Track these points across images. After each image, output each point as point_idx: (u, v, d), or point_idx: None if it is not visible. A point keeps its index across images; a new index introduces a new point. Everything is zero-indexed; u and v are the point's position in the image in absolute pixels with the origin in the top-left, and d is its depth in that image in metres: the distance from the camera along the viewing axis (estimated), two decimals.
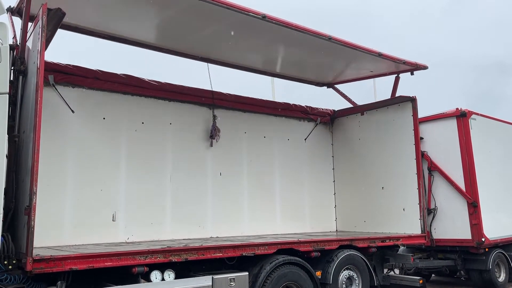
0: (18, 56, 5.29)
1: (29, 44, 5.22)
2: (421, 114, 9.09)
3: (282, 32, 6.77)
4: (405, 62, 8.29)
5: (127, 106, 7.28)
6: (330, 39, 7.08)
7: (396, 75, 9.04)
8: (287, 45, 7.74)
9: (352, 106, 9.87)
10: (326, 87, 10.02)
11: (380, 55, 7.91)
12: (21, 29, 5.39)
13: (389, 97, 9.20)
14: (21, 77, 5.32)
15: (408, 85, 9.20)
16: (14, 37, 5.75)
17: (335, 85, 10.00)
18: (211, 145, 7.66)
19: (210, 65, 8.09)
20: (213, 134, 7.71)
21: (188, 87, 7.96)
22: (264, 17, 6.21)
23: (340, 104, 10.15)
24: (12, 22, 5.85)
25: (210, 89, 8.15)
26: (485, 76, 47.43)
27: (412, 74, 8.86)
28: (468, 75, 48.44)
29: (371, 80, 14.44)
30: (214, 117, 7.45)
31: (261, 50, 8.06)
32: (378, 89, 13.19)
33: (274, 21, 6.40)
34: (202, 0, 5.69)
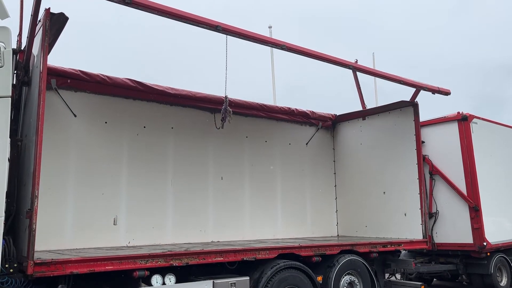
0: (23, 65, 5.32)
1: (34, 50, 5.25)
2: (424, 117, 9.08)
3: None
4: (426, 89, 8.29)
5: (129, 110, 7.30)
6: (352, 68, 7.17)
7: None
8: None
9: (360, 110, 9.83)
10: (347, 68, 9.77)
11: (401, 82, 7.98)
12: (27, 37, 5.42)
13: (390, 99, 9.21)
14: (24, 87, 5.35)
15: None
16: (20, 34, 5.73)
17: (357, 71, 9.50)
18: (222, 127, 7.54)
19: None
20: (224, 116, 7.56)
21: (190, 91, 7.97)
22: (283, 47, 6.25)
23: (342, 110, 10.15)
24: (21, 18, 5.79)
25: (212, 94, 8.17)
26: (491, 79, 47.37)
27: (433, 93, 8.80)
28: (474, 77, 48.41)
29: (373, 82, 14.45)
30: (226, 98, 7.33)
31: None
32: (379, 91, 13.24)
33: (294, 51, 6.46)
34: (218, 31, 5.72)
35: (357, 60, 10.11)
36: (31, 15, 5.20)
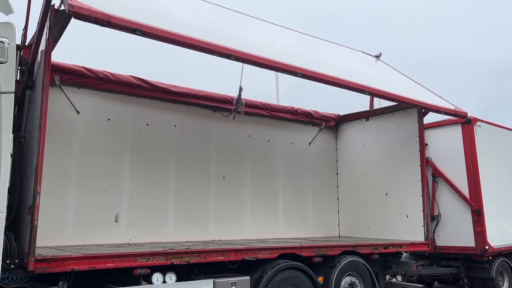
0: (28, 67, 5.31)
1: (41, 47, 5.24)
2: (428, 119, 9.03)
3: None
4: (442, 112, 8.25)
5: (132, 108, 7.29)
6: (366, 92, 7.08)
7: None
8: None
9: (364, 110, 9.81)
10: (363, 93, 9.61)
11: (417, 106, 7.96)
12: (34, 41, 5.40)
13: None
14: (28, 91, 5.33)
15: None
16: (25, 28, 5.72)
17: (373, 96, 9.40)
18: (233, 119, 7.50)
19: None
20: (237, 107, 7.27)
21: (193, 89, 7.96)
22: (297, 74, 6.13)
23: (346, 109, 10.13)
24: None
25: (215, 92, 8.16)
26: (499, 80, 47.07)
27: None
28: (481, 78, 48.10)
29: None
30: (240, 89, 7.10)
31: None
32: None
33: (308, 77, 6.34)
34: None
35: (380, 54, 10.13)
36: (39, 20, 5.14)
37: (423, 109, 8.29)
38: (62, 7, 4.52)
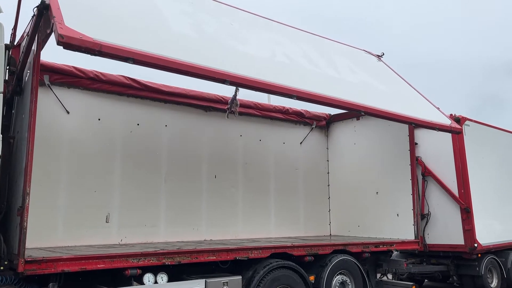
0: (16, 73, 5.26)
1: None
2: None
3: None
4: (437, 128, 8.23)
5: (123, 107, 7.25)
6: (362, 112, 7.07)
7: None
8: None
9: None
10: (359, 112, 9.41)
11: (412, 123, 8.00)
12: (22, 42, 5.33)
13: None
14: (16, 97, 5.28)
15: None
16: (14, 28, 5.65)
17: (369, 115, 9.17)
18: (227, 117, 7.37)
19: None
20: (231, 106, 7.10)
21: (184, 89, 7.95)
22: (293, 97, 6.04)
23: (336, 109, 10.15)
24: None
25: (206, 92, 8.16)
26: (492, 78, 47.45)
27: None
28: (475, 76, 48.44)
29: None
30: (236, 89, 6.87)
31: None
32: None
33: (304, 99, 6.26)
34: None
35: (383, 54, 10.19)
36: (29, 31, 5.06)
37: (418, 126, 8.32)
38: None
